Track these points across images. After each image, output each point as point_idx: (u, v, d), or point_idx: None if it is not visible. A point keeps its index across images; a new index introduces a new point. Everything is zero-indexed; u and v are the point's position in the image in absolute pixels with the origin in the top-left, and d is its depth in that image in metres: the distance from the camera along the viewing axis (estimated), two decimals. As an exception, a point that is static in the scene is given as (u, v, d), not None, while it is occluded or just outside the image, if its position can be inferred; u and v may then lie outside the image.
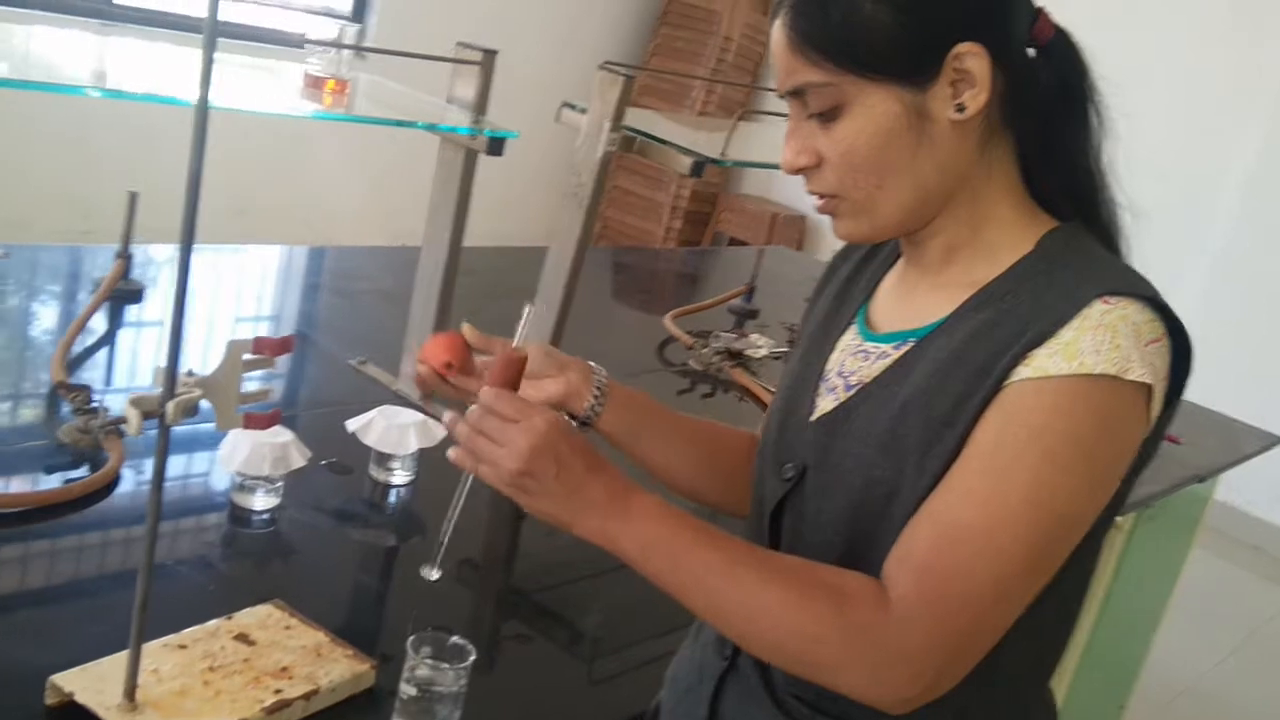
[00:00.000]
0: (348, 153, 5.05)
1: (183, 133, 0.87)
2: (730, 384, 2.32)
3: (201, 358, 1.91)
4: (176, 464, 1.54)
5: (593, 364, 1.15)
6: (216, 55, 0.86)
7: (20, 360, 1.80)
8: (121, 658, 1.03)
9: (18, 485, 1.40)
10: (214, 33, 0.85)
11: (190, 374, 0.94)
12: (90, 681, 1.01)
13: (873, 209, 0.94)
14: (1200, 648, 3.65)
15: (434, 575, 1.01)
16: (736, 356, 2.38)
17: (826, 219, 0.99)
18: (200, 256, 2.39)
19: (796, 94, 0.93)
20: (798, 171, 0.96)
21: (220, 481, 1.49)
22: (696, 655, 1.14)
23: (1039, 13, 0.94)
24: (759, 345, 2.42)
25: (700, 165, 1.91)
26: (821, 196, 0.96)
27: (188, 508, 1.45)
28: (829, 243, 5.87)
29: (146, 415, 0.91)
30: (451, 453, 0.96)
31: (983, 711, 0.97)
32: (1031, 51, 0.95)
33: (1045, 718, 1.08)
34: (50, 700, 1.02)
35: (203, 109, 0.87)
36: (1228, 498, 3.00)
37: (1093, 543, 0.95)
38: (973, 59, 0.89)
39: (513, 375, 1.01)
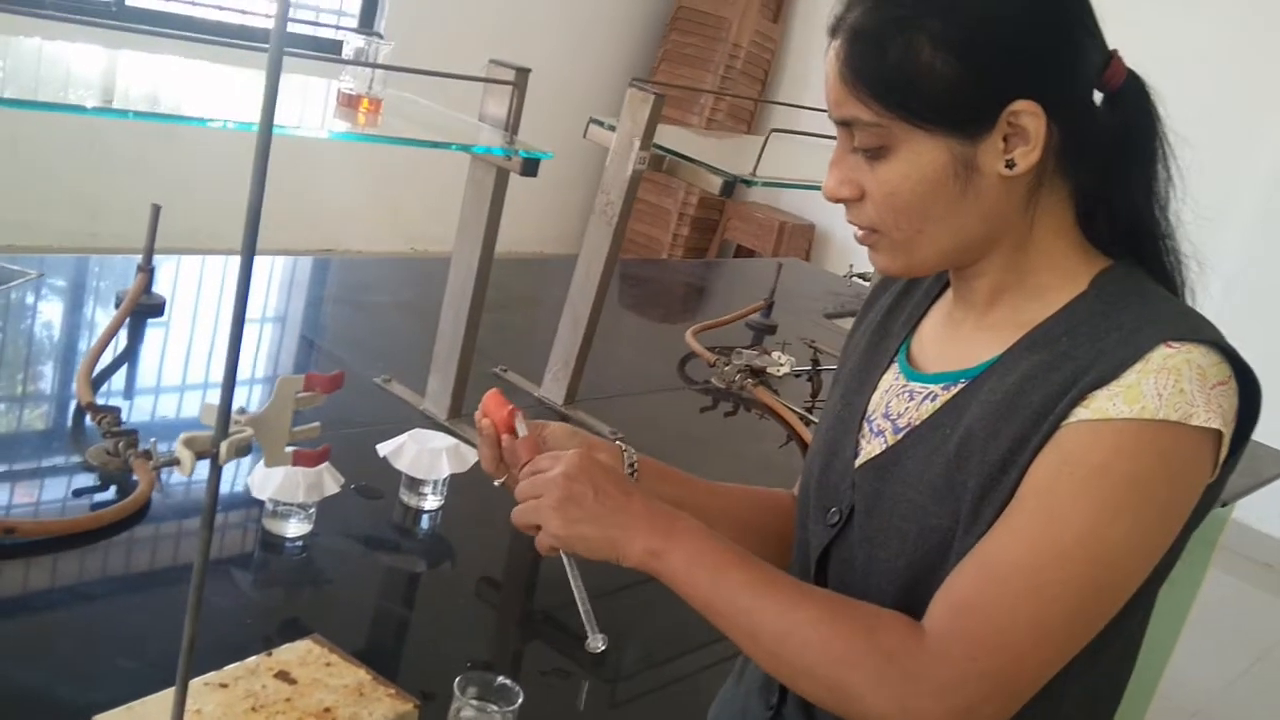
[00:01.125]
0: (354, 155, 5.03)
1: (191, 134, 0.85)
2: (752, 402, 2.30)
3: (224, 370, 1.89)
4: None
5: (620, 442, 1.13)
6: (229, 67, 0.84)
7: (44, 378, 1.78)
8: (163, 697, 1.01)
9: (46, 510, 1.38)
10: (279, 63, 0.83)
11: (242, 411, 0.92)
12: (134, 723, 0.99)
13: (911, 250, 0.93)
14: (1213, 668, 3.64)
15: (600, 644, 0.97)
16: (758, 374, 2.36)
17: (835, 228, 0.99)
18: (214, 265, 2.38)
19: (844, 124, 0.91)
20: (838, 201, 0.95)
21: (251, 507, 1.47)
22: (739, 700, 1.12)
23: (1112, 56, 0.92)
24: (781, 363, 2.40)
25: (731, 185, 1.90)
26: (861, 228, 0.95)
27: (219, 535, 1.43)
28: (837, 252, 5.88)
29: (199, 455, 0.89)
30: (539, 544, 0.98)
31: None
32: (1099, 95, 0.93)
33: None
34: (92, 741, 1.00)
35: (266, 133, 0.85)
36: (1240, 515, 2.97)
37: (1150, 593, 0.93)
38: (1029, 117, 0.87)
39: (533, 449, 1.05)
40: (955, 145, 0.88)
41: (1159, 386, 0.83)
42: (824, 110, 0.93)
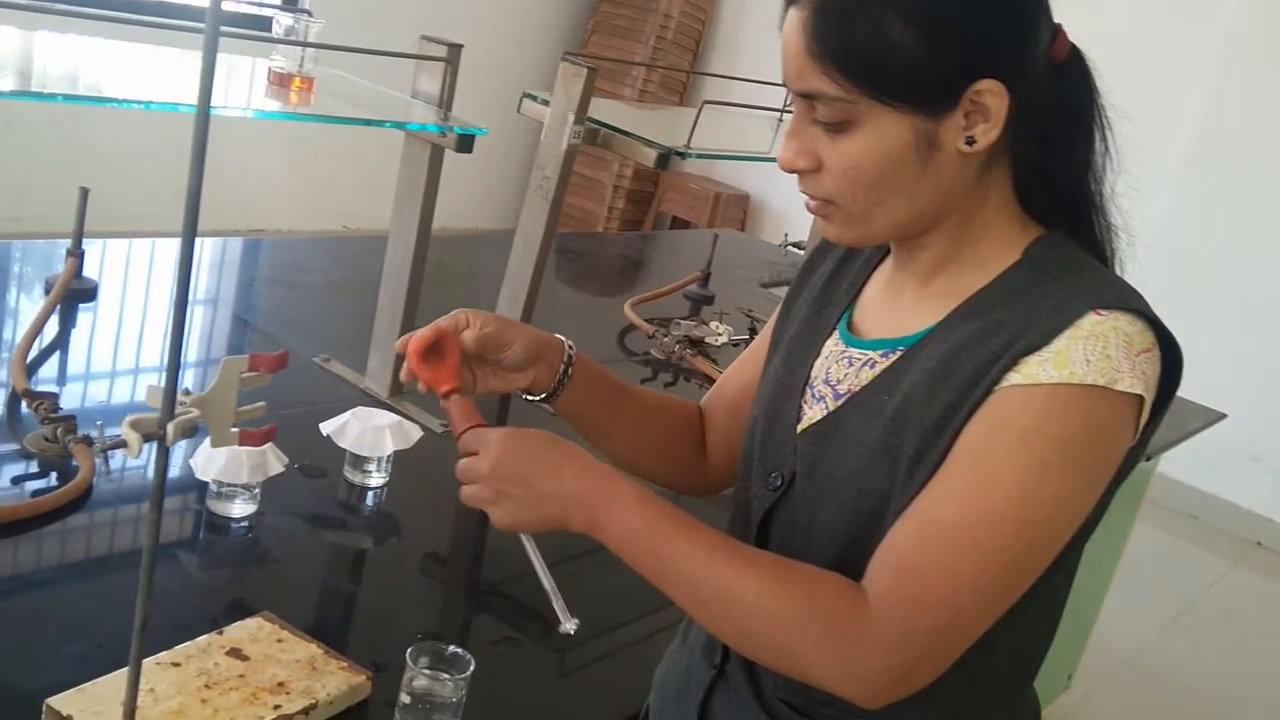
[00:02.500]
0: (285, 134, 4.96)
1: (112, 114, 0.85)
2: (691, 372, 2.33)
3: (169, 351, 1.87)
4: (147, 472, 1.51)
5: (564, 340, 1.14)
6: (151, 46, 0.83)
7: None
8: (116, 677, 1.01)
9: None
10: (215, 43, 0.83)
11: (187, 392, 0.93)
12: (88, 704, 0.99)
13: (866, 222, 0.94)
14: (1144, 616, 3.76)
15: (571, 626, 0.98)
16: (697, 344, 2.39)
17: (770, 198, 0.99)
18: (143, 248, 2.35)
19: (805, 96, 0.91)
20: (795, 171, 0.95)
21: (193, 489, 1.47)
22: (684, 660, 1.14)
23: (1057, 31, 0.94)
24: (719, 332, 2.43)
25: (665, 158, 1.91)
26: (815, 198, 0.95)
27: (163, 517, 1.43)
28: (772, 222, 5.89)
29: (146, 437, 0.89)
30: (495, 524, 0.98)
31: (970, 714, 0.99)
32: (1042, 69, 0.95)
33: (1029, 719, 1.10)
34: (46, 724, 1.00)
35: (204, 114, 0.85)
36: (1165, 469, 3.07)
37: (1075, 549, 0.96)
38: (991, 96, 0.88)
39: (466, 411, 1.02)
40: (919, 122, 0.89)
41: (1087, 352, 0.86)
42: (757, 81, 0.94)
